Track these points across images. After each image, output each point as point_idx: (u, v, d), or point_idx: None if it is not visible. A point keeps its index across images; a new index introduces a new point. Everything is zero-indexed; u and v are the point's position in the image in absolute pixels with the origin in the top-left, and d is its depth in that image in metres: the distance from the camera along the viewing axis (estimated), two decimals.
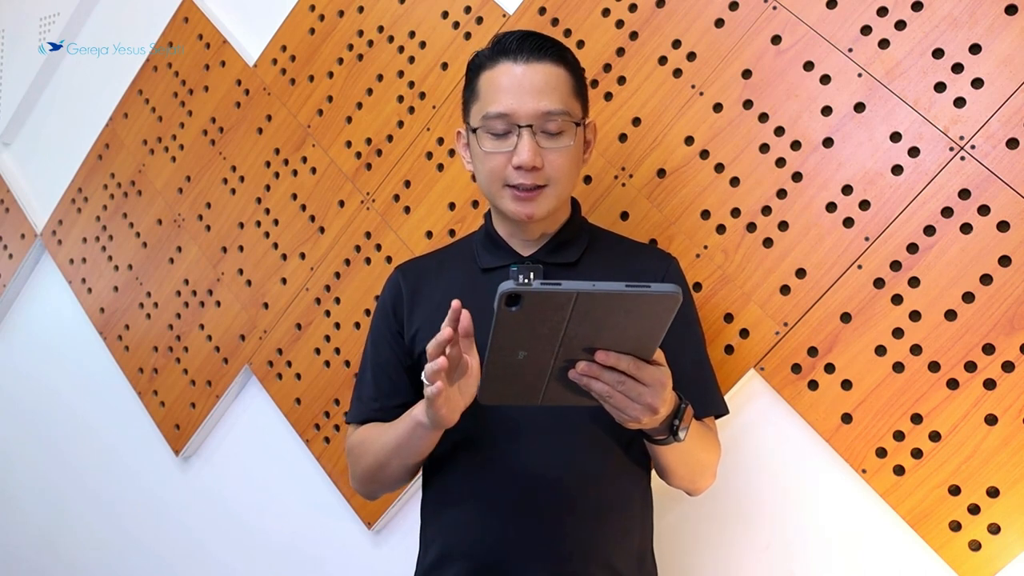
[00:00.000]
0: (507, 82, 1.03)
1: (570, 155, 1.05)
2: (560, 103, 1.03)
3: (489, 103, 1.04)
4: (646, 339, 0.77)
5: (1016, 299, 1.13)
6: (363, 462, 1.11)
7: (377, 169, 1.67)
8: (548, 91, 1.03)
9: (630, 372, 0.79)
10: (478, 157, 1.07)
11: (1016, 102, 1.14)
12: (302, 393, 1.75)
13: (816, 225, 1.26)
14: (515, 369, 0.79)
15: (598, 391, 0.80)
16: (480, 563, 1.03)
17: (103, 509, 2.19)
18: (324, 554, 1.77)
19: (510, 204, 1.06)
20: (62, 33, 2.24)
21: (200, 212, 1.93)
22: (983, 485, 1.13)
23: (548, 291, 0.70)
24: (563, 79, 1.05)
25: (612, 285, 0.71)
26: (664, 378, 0.82)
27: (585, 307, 0.72)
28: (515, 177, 1.03)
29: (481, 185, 1.10)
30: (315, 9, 1.77)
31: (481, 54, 1.08)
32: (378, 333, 1.17)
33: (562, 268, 1.09)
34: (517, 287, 0.70)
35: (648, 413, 0.82)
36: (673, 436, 0.93)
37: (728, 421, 1.31)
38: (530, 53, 1.04)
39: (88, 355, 2.17)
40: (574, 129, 1.05)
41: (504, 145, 1.04)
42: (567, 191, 1.08)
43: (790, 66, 1.29)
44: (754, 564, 1.30)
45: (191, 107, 1.97)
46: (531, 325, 0.74)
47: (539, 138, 1.03)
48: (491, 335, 0.75)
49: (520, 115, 1.02)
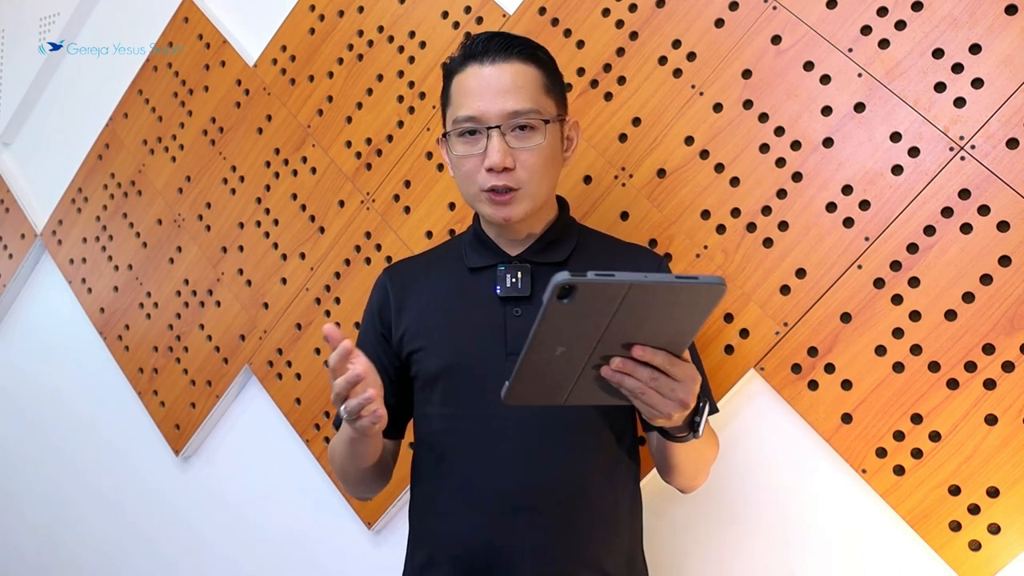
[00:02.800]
0: (474, 84, 1.03)
1: (542, 154, 1.04)
2: (529, 101, 1.03)
3: (458, 107, 1.04)
4: (683, 333, 0.77)
5: (1016, 299, 1.13)
6: (335, 466, 1.14)
7: (377, 169, 1.67)
8: (515, 90, 1.02)
9: (664, 368, 0.78)
10: (453, 163, 1.07)
11: (1016, 102, 1.14)
12: (302, 393, 1.75)
13: (816, 225, 1.26)
14: (548, 367, 0.77)
15: (630, 388, 0.79)
16: (468, 565, 1.03)
17: (103, 509, 2.19)
18: (324, 554, 1.77)
19: (487, 208, 1.06)
20: (62, 33, 2.24)
21: (200, 212, 1.93)
22: (983, 485, 1.13)
23: (602, 282, 0.69)
24: (531, 77, 1.04)
25: (663, 276, 0.70)
26: (695, 374, 0.81)
27: (634, 299, 0.71)
28: (488, 180, 1.03)
29: (461, 192, 1.10)
30: (315, 9, 1.77)
31: (452, 59, 1.08)
32: (364, 336, 1.17)
33: (550, 268, 1.09)
34: (572, 279, 0.68)
35: (679, 409, 0.82)
36: (693, 433, 0.92)
37: (728, 421, 1.31)
38: (496, 53, 1.04)
39: (88, 355, 2.17)
40: (544, 127, 1.04)
41: (475, 148, 1.04)
42: (544, 190, 1.07)
43: (790, 66, 1.29)
44: (754, 564, 1.30)
45: (191, 107, 1.97)
46: (578, 319, 0.72)
47: (509, 138, 1.02)
48: (535, 330, 0.73)
49: (488, 116, 1.02)
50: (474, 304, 1.09)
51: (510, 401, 0.81)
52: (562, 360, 0.77)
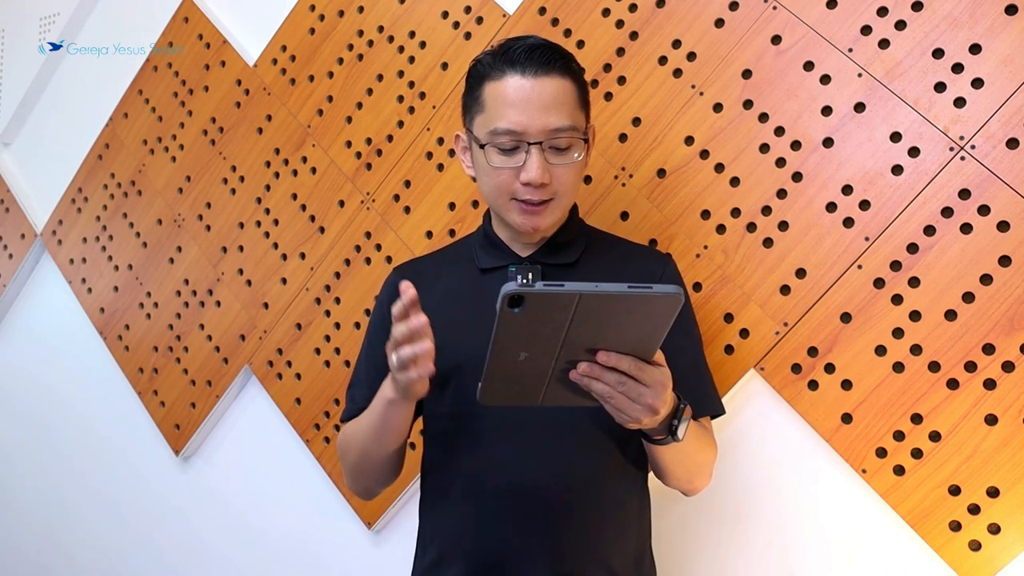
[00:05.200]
0: (515, 97, 1.01)
1: (577, 169, 1.06)
2: (568, 118, 1.03)
3: (497, 118, 1.02)
4: (647, 340, 0.77)
5: (1016, 299, 1.13)
6: (349, 457, 1.12)
7: (377, 169, 1.67)
8: (556, 107, 1.02)
9: (631, 373, 0.79)
10: (484, 170, 1.06)
11: (1016, 102, 1.14)
12: (302, 393, 1.75)
13: (816, 225, 1.26)
14: (516, 370, 0.79)
15: (599, 392, 0.80)
16: (478, 564, 1.03)
17: (103, 509, 2.19)
18: (324, 554, 1.77)
19: (517, 217, 1.06)
20: (62, 33, 2.24)
21: (200, 212, 1.93)
22: (983, 485, 1.13)
23: (551, 292, 0.70)
24: (570, 92, 1.04)
25: (614, 286, 0.70)
26: (665, 379, 0.82)
27: (587, 308, 0.72)
28: (523, 192, 1.04)
29: (487, 197, 1.09)
30: (315, 9, 1.77)
31: (485, 62, 1.05)
32: (374, 334, 1.17)
33: (561, 269, 1.10)
34: (520, 288, 0.70)
35: (648, 414, 0.82)
36: (672, 436, 0.93)
37: (728, 421, 1.31)
38: (539, 66, 1.02)
39: (88, 355, 2.17)
40: (582, 145, 1.05)
41: (512, 161, 1.03)
42: (571, 202, 1.10)
43: (790, 66, 1.29)
44: (754, 564, 1.30)
45: (191, 107, 1.97)
46: (533, 326, 0.74)
47: (547, 154, 1.02)
48: (493, 337, 0.75)
49: (530, 133, 1.01)
50: (485, 304, 1.08)
51: (485, 401, 0.84)
52: (528, 364, 0.78)
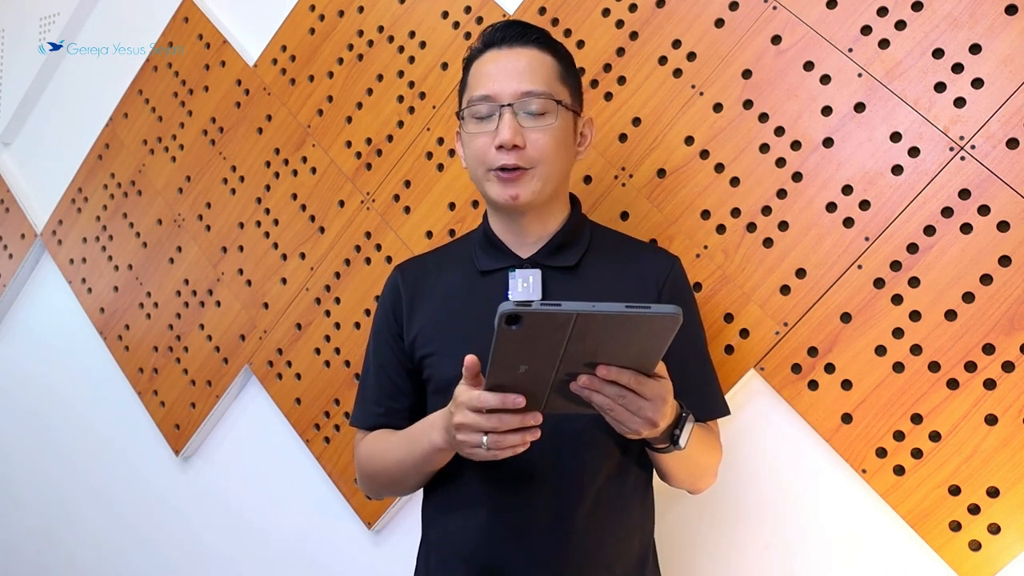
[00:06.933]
0: (491, 68, 1.06)
1: (554, 135, 1.05)
2: (542, 84, 1.05)
3: (474, 89, 1.07)
4: (647, 355, 0.77)
5: (1016, 299, 1.13)
6: (379, 478, 1.11)
7: (377, 169, 1.67)
8: (528, 72, 1.05)
9: (631, 386, 0.79)
10: (465, 144, 1.09)
11: (1016, 102, 1.14)
12: (302, 393, 1.75)
13: (816, 225, 1.26)
14: (516, 381, 0.79)
15: (599, 404, 0.81)
16: (481, 567, 1.03)
17: (103, 509, 2.19)
18: (324, 554, 1.77)
19: (495, 187, 1.06)
20: (62, 33, 2.24)
21: (200, 212, 1.93)
22: (983, 485, 1.13)
23: (548, 312, 0.70)
24: (546, 63, 1.07)
25: (612, 306, 0.70)
26: (665, 392, 0.82)
27: (585, 327, 0.72)
28: (498, 158, 1.04)
29: (472, 175, 1.10)
30: (315, 9, 1.77)
31: (472, 48, 1.11)
32: (379, 334, 1.16)
33: (561, 272, 1.09)
34: (517, 308, 0.70)
35: (648, 426, 0.83)
36: (674, 444, 0.93)
37: (728, 421, 1.31)
38: (513, 39, 1.07)
39: (88, 355, 2.17)
40: (557, 109, 1.05)
41: (487, 126, 1.05)
42: (554, 175, 1.07)
43: (790, 66, 1.29)
44: (754, 564, 1.30)
45: (191, 107, 1.97)
46: (532, 342, 0.74)
47: (521, 118, 1.04)
48: (492, 351, 0.75)
49: (501, 95, 1.04)
50: (485, 309, 1.08)
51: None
52: (528, 376, 0.78)
